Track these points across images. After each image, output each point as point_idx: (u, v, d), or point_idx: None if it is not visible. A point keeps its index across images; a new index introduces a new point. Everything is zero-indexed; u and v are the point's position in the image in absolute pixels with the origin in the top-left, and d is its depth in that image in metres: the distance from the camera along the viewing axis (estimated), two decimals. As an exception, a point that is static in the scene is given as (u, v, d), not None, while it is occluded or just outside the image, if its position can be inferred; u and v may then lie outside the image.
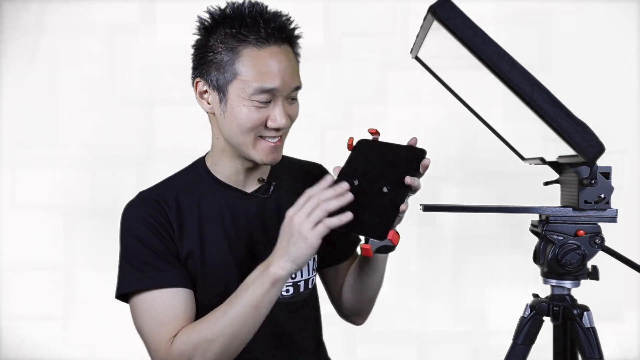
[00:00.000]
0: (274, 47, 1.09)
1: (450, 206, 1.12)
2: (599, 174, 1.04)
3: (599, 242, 1.06)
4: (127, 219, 1.17)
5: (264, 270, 1.01)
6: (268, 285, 1.00)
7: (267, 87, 1.07)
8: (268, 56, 1.08)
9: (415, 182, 0.98)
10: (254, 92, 1.08)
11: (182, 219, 1.17)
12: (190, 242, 1.17)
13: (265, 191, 1.24)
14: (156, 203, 1.16)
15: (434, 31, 0.99)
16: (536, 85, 0.93)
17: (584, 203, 1.05)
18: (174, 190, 1.20)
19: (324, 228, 0.95)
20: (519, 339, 1.11)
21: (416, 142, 1.03)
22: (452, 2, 0.91)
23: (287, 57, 1.10)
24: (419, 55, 1.16)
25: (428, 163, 1.00)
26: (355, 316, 1.39)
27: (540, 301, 1.12)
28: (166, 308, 1.10)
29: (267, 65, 1.08)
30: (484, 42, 0.92)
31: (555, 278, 1.09)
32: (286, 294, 1.22)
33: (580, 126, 0.95)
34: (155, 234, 1.14)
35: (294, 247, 0.97)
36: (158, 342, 1.09)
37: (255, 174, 1.23)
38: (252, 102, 1.08)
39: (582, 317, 1.08)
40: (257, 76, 1.07)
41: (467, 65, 0.99)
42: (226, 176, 1.21)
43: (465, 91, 1.22)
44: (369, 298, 1.33)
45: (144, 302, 1.11)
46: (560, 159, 1.10)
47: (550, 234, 1.07)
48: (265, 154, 1.13)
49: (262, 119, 1.10)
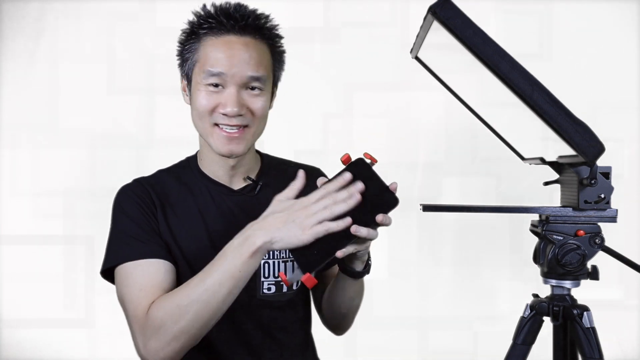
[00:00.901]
0: (231, 36, 1.15)
1: (451, 206, 1.12)
2: (599, 174, 1.04)
3: (599, 242, 1.06)
4: (119, 199, 1.23)
5: (245, 240, 1.01)
6: (247, 256, 1.00)
7: (213, 71, 1.13)
8: (222, 44, 1.15)
9: (372, 234, 0.99)
10: (205, 76, 1.14)
11: (166, 208, 1.21)
12: (169, 231, 1.19)
13: (252, 190, 1.26)
14: (146, 189, 1.22)
15: (434, 31, 0.99)
16: (536, 85, 0.93)
17: (584, 203, 1.05)
18: (164, 181, 1.25)
19: (323, 229, 0.96)
20: (519, 339, 1.11)
21: (395, 187, 1.02)
22: (452, 2, 0.91)
23: (244, 47, 1.15)
24: (419, 55, 1.16)
25: (386, 221, 0.99)
26: (334, 327, 1.40)
27: (540, 301, 1.12)
28: (145, 276, 1.13)
29: (218, 51, 1.14)
30: (484, 42, 0.92)
31: (555, 278, 1.09)
32: (268, 292, 1.23)
33: (580, 126, 0.95)
34: (140, 210, 1.19)
35: (287, 230, 0.98)
36: (136, 306, 1.10)
37: (241, 172, 1.25)
38: (206, 87, 1.15)
39: (582, 317, 1.08)
40: (208, 61, 1.14)
41: (467, 65, 0.99)
42: (211, 171, 1.25)
43: (465, 91, 1.22)
44: (341, 314, 1.32)
45: (126, 271, 1.15)
46: (560, 159, 1.10)
47: (550, 234, 1.07)
48: (221, 143, 1.16)
49: (212, 104, 1.15)
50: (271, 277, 1.23)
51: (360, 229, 0.97)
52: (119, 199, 1.23)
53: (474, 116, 1.25)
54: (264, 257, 1.19)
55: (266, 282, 1.23)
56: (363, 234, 0.98)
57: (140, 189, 1.22)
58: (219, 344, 1.21)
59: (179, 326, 1.03)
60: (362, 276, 1.17)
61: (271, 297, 1.23)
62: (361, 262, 1.13)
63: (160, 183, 1.25)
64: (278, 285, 1.24)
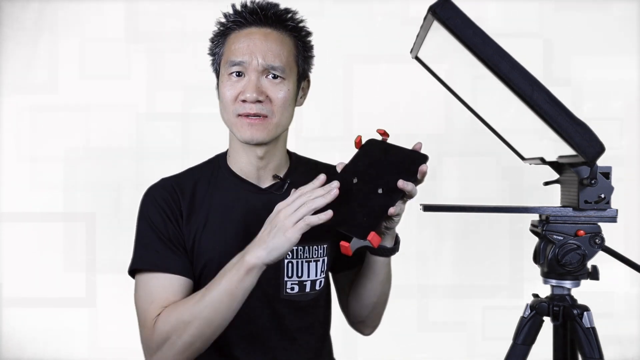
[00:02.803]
0: (252, 28, 1.19)
1: (451, 206, 1.12)
2: (599, 174, 1.04)
3: (599, 242, 1.06)
4: (144, 202, 1.24)
5: (241, 258, 1.04)
6: (243, 273, 1.03)
7: (235, 60, 1.17)
8: (243, 35, 1.19)
9: (408, 186, 0.99)
10: (227, 67, 1.18)
11: (193, 207, 1.22)
12: (195, 231, 1.21)
13: (279, 188, 1.26)
14: (172, 190, 1.23)
15: (434, 31, 0.99)
16: (536, 85, 0.93)
17: (584, 203, 1.05)
18: (192, 180, 1.26)
19: (303, 225, 0.98)
20: (519, 339, 1.11)
21: (420, 147, 1.04)
22: (452, 2, 0.91)
23: (264, 37, 1.18)
24: (419, 55, 1.16)
25: (425, 169, 1.01)
26: (360, 324, 1.38)
27: (540, 301, 1.11)
28: (159, 289, 1.16)
29: (239, 42, 1.18)
30: (484, 42, 0.92)
31: (555, 278, 1.09)
32: (291, 291, 1.23)
33: (580, 126, 0.95)
34: (163, 219, 1.20)
35: (273, 239, 1.00)
36: (145, 318, 1.15)
37: (269, 170, 1.26)
38: (229, 78, 1.18)
39: (582, 317, 1.08)
40: (231, 52, 1.19)
41: (467, 65, 0.99)
42: (241, 169, 1.25)
43: (465, 91, 1.22)
44: (370, 304, 1.31)
45: (143, 280, 1.18)
46: (560, 159, 1.10)
47: (550, 234, 1.07)
48: (243, 130, 1.18)
49: (235, 93, 1.18)
50: (294, 277, 1.23)
51: (406, 183, 0.98)
52: (144, 203, 1.23)
53: (474, 116, 1.25)
54: (287, 257, 1.21)
55: (289, 282, 1.23)
56: (409, 188, 0.99)
57: (166, 193, 1.22)
58: (234, 344, 1.21)
59: (182, 341, 1.08)
60: (394, 253, 1.16)
61: (295, 297, 1.23)
62: (391, 237, 1.13)
63: (188, 183, 1.25)
64: (301, 284, 1.24)
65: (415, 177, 1.00)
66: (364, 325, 1.38)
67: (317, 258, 1.25)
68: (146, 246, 1.19)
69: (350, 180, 1.00)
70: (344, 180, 1.01)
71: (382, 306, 1.34)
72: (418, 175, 1.00)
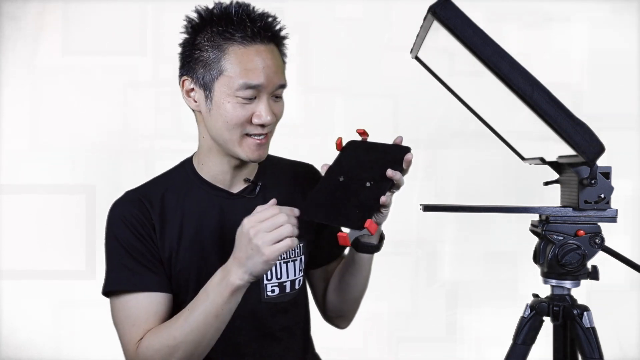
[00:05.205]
0: (259, 45, 1.11)
1: (451, 206, 1.12)
2: (599, 174, 1.04)
3: (599, 242, 1.06)
4: (110, 219, 1.19)
5: (223, 278, 1.02)
6: (228, 295, 1.02)
7: (252, 84, 1.09)
8: (253, 53, 1.10)
9: (397, 175, 1.00)
10: (239, 88, 1.10)
11: (165, 218, 1.19)
12: (170, 243, 1.18)
13: (252, 191, 1.24)
14: (140, 203, 1.18)
15: (434, 31, 0.99)
16: (536, 85, 0.93)
17: (584, 203, 1.05)
18: (160, 190, 1.22)
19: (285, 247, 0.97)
20: (519, 339, 1.11)
21: (401, 140, 1.05)
22: (452, 2, 0.91)
23: (272, 55, 1.13)
24: (419, 55, 1.16)
25: (411, 158, 1.02)
26: (339, 318, 1.38)
27: (540, 301, 1.11)
28: (138, 310, 1.13)
29: (252, 62, 1.10)
30: (483, 42, 0.92)
31: (555, 278, 1.09)
32: (272, 294, 1.23)
33: (580, 126, 0.95)
34: (135, 236, 1.16)
35: (251, 261, 0.99)
36: (128, 341, 1.13)
37: (242, 174, 1.23)
38: (237, 99, 1.10)
39: (582, 317, 1.08)
40: (243, 73, 1.09)
41: (467, 65, 0.99)
42: (212, 176, 1.22)
43: (465, 91, 1.22)
44: (353, 299, 1.32)
45: (120, 301, 1.15)
46: (560, 159, 1.10)
47: (550, 234, 1.07)
48: (251, 151, 1.15)
49: (247, 116, 1.12)
50: (274, 279, 1.22)
51: (395, 172, 0.99)
52: (112, 221, 1.18)
53: (474, 116, 1.25)
54: None
55: (269, 285, 1.22)
56: (397, 177, 0.99)
57: (133, 208, 1.18)
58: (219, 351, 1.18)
59: None
60: (379, 250, 1.16)
61: (275, 299, 1.23)
62: (377, 234, 1.13)
63: (156, 193, 1.21)
64: (281, 286, 1.23)
65: (401, 167, 1.01)
66: (343, 320, 1.38)
67: (295, 257, 1.25)
68: (119, 266, 1.15)
69: (337, 178, 1.02)
70: (331, 179, 1.03)
71: (360, 299, 1.35)
72: (404, 164, 1.01)
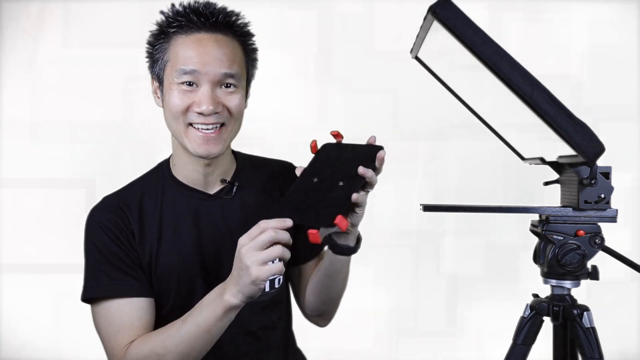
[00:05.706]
0: (202, 34, 1.13)
1: (451, 206, 1.12)
2: (599, 174, 1.04)
3: (599, 242, 1.06)
4: (89, 226, 1.19)
5: (219, 295, 1.01)
6: (221, 312, 1.01)
7: (186, 69, 1.11)
8: (193, 41, 1.12)
9: (369, 173, 0.99)
10: (177, 75, 1.11)
11: (143, 223, 1.19)
12: (150, 247, 1.18)
13: (229, 192, 1.23)
14: (118, 209, 1.18)
15: (434, 31, 0.98)
16: (536, 85, 0.93)
17: (584, 203, 1.05)
18: (137, 194, 1.21)
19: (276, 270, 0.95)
20: (519, 339, 1.11)
21: (374, 140, 1.04)
22: (452, 2, 0.91)
23: (216, 44, 1.12)
24: (419, 55, 1.16)
25: (383, 155, 1.01)
26: (318, 317, 1.38)
27: (540, 301, 1.11)
28: (121, 316, 1.13)
29: (189, 49, 1.12)
30: (483, 42, 0.92)
31: (555, 278, 1.09)
32: None
33: (580, 126, 0.95)
34: (114, 242, 1.16)
35: (241, 280, 0.97)
36: (113, 347, 1.12)
37: (216, 175, 1.22)
38: (179, 87, 1.12)
39: (582, 317, 1.08)
40: (180, 59, 1.12)
41: (467, 65, 0.99)
42: (186, 176, 1.21)
43: (465, 91, 1.22)
44: (331, 300, 1.32)
45: (102, 308, 1.15)
46: (560, 159, 1.10)
47: (550, 234, 1.07)
48: (197, 143, 1.14)
49: (186, 103, 1.12)
50: None
51: (366, 170, 0.98)
52: (90, 228, 1.18)
53: (474, 116, 1.25)
54: None
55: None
56: (369, 174, 0.98)
57: (111, 215, 1.18)
58: None
59: None
60: (355, 252, 1.14)
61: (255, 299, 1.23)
62: (354, 236, 1.11)
63: (134, 197, 1.21)
64: None
65: (373, 165, 1.01)
66: (322, 318, 1.38)
67: None
68: (99, 272, 1.15)
69: (310, 179, 1.02)
70: (305, 181, 1.03)
71: (340, 299, 1.34)
72: (376, 163, 1.01)
